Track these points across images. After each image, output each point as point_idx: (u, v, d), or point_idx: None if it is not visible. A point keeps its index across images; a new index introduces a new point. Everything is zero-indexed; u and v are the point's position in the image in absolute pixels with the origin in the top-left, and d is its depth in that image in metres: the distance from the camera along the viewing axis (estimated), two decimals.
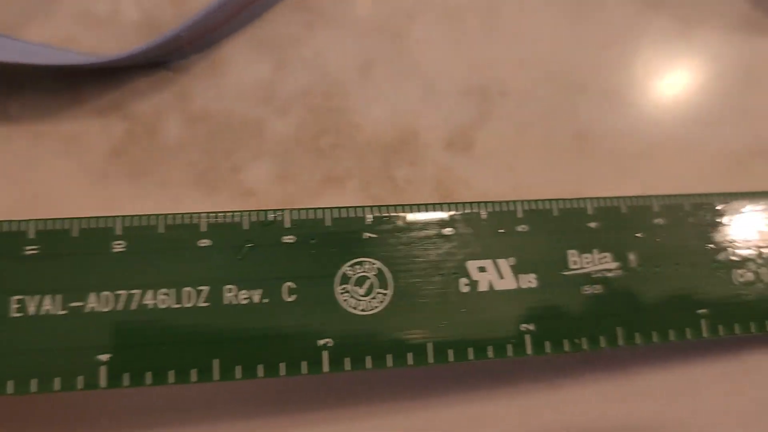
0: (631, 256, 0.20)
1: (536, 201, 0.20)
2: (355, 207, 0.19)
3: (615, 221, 0.20)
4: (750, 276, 0.21)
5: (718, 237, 0.21)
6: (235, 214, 0.19)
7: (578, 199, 0.20)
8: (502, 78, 0.24)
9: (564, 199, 0.20)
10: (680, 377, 0.22)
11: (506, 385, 0.21)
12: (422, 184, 0.23)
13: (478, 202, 0.20)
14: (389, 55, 0.25)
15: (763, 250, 0.21)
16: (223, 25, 0.24)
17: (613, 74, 0.24)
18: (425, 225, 0.19)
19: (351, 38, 0.25)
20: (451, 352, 0.18)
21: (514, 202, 0.20)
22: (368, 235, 0.19)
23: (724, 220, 0.21)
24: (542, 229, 0.20)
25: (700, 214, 0.21)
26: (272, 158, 0.23)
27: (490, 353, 0.19)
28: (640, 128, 0.24)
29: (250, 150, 0.23)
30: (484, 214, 0.20)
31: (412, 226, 0.19)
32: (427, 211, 0.20)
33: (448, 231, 0.19)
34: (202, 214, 0.18)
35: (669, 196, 0.21)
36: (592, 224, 0.20)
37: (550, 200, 0.20)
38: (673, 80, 0.25)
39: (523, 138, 0.24)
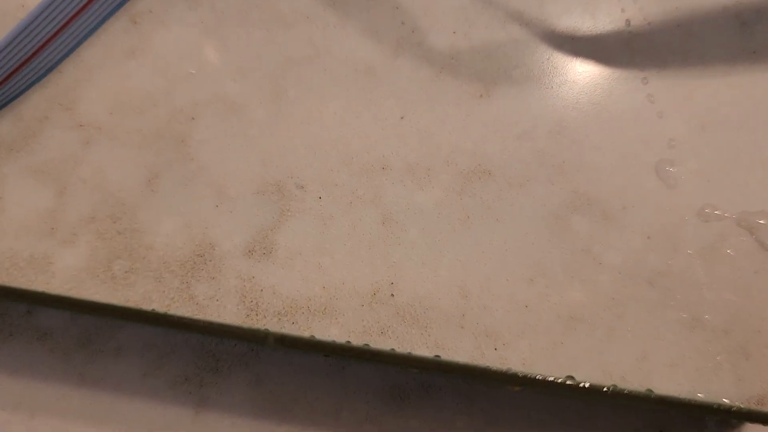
0: None
1: None
2: None
3: None
4: None
5: None
6: None
7: None
8: (295, 169, 0.23)
9: None
10: None
11: None
12: (225, 299, 0.22)
13: None
14: (174, 162, 0.23)
15: None
16: None
17: (412, 148, 0.23)
18: None
19: (132, 150, 0.23)
20: None
21: None
22: None
23: None
24: None
25: None
26: (64, 294, 0.21)
27: None
28: (450, 203, 0.23)
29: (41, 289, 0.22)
30: None
31: None
32: None
33: None
34: None
35: None
36: None
37: None
38: (478, 146, 0.24)
39: (329, 233, 0.22)
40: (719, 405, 0.20)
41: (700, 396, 0.21)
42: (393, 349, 0.21)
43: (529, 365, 0.21)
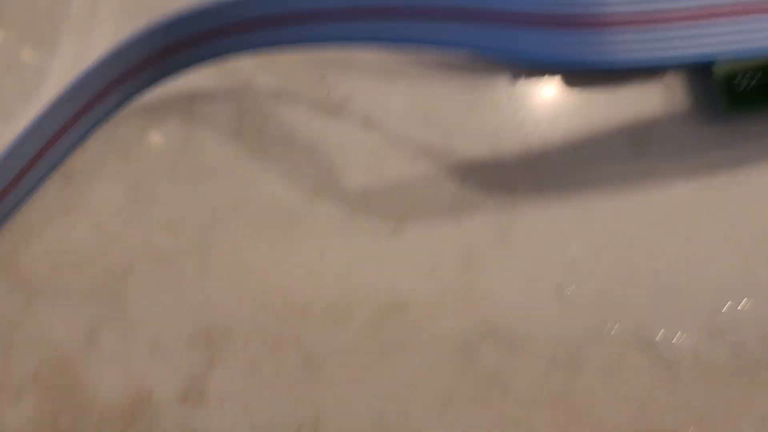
0: None
1: None
2: None
3: None
4: None
5: None
6: None
7: None
8: (223, 317, 0.25)
9: None
10: None
11: None
12: None
13: None
14: (111, 317, 0.25)
15: None
16: None
17: (331, 288, 0.25)
18: None
19: (72, 307, 0.25)
20: None
21: None
22: None
23: None
24: None
25: None
26: None
27: None
28: (367, 339, 0.25)
29: None
30: None
31: None
32: None
33: None
34: None
35: None
36: None
37: None
38: (392, 281, 0.25)
39: (255, 376, 0.24)
40: None
41: None
42: None
43: None
